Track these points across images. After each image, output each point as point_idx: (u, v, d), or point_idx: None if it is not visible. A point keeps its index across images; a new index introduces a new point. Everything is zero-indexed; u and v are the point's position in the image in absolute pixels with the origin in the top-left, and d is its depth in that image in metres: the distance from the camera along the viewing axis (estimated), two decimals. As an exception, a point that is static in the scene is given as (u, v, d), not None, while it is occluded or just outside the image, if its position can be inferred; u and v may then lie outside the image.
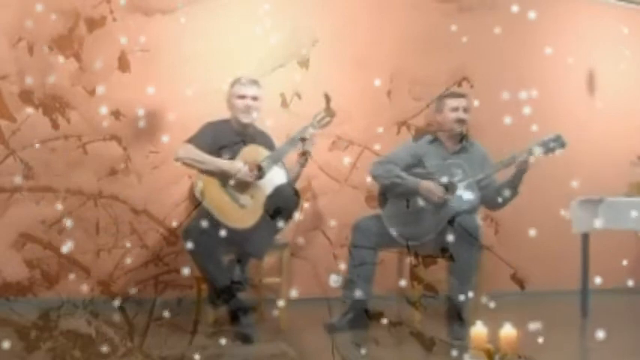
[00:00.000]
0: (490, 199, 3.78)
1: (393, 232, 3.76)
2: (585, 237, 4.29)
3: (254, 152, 3.61)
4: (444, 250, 3.63)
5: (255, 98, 3.70)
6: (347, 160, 4.62)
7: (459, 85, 4.96)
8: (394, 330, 3.37)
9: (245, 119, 3.68)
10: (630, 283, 3.34)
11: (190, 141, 3.60)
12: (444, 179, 3.69)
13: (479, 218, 3.85)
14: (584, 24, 5.33)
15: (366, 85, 4.71)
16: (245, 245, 3.46)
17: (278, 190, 3.47)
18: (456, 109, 3.84)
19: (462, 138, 3.90)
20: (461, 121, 3.84)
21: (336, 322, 3.69)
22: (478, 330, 2.63)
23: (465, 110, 3.85)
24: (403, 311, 3.84)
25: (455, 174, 3.69)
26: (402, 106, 4.82)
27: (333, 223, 4.44)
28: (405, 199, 3.76)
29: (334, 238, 4.64)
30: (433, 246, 3.65)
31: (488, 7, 4.99)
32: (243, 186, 3.53)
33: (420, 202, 3.67)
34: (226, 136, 3.64)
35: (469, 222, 3.56)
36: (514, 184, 3.70)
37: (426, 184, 3.71)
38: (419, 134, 4.63)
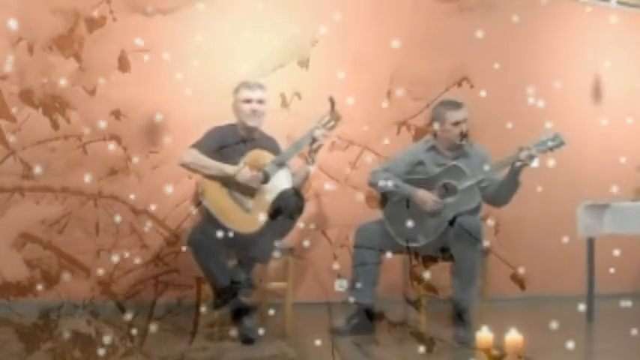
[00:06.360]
0: (493, 198, 3.77)
1: (393, 232, 3.75)
2: (591, 242, 4.29)
3: (259, 157, 3.60)
4: (444, 250, 3.63)
5: (260, 102, 3.68)
6: (347, 160, 4.63)
7: (459, 85, 4.96)
8: (395, 330, 3.37)
9: (251, 123, 3.66)
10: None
11: (195, 146, 3.59)
12: (445, 182, 3.68)
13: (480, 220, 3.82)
14: (588, 27, 5.31)
15: (366, 85, 4.71)
16: (250, 250, 3.46)
17: (282, 195, 3.46)
18: (457, 124, 3.76)
19: (463, 136, 3.86)
20: (463, 135, 3.77)
21: (342, 327, 3.68)
22: (484, 335, 2.62)
23: (466, 121, 3.79)
24: (409, 314, 3.83)
25: (455, 177, 3.67)
26: (402, 106, 4.81)
27: (333, 223, 4.45)
28: (405, 200, 3.75)
29: (334, 238, 4.64)
30: (434, 246, 3.65)
31: (488, 7, 4.99)
32: (248, 190, 3.52)
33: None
34: (231, 141, 3.63)
35: (471, 223, 3.55)
36: (513, 178, 3.67)
37: (421, 194, 3.69)
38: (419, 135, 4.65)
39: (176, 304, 3.83)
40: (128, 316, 2.75)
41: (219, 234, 3.11)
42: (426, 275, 3.43)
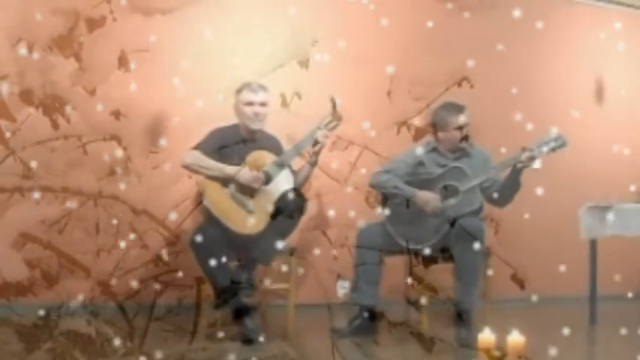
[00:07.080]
0: (494, 198, 3.76)
1: (394, 233, 3.73)
2: (593, 243, 4.27)
3: (260, 157, 3.59)
4: (444, 250, 3.63)
5: (263, 104, 3.66)
6: (347, 160, 4.63)
7: (459, 85, 4.96)
8: (395, 330, 3.37)
9: (254, 126, 3.64)
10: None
11: (197, 147, 3.58)
12: (446, 183, 3.68)
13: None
14: (590, 28, 5.31)
15: (366, 85, 4.71)
16: (252, 251, 3.45)
17: (284, 195, 3.45)
18: (460, 128, 3.75)
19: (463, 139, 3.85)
20: (465, 137, 3.77)
21: (343, 328, 3.67)
22: (486, 336, 2.61)
23: (468, 124, 3.76)
24: (410, 315, 3.82)
25: (456, 178, 3.66)
26: (402, 106, 4.81)
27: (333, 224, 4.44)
28: (406, 200, 3.74)
29: (334, 239, 4.64)
30: (435, 247, 3.62)
31: (487, 8, 4.98)
32: (250, 191, 3.52)
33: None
34: (232, 141, 3.62)
35: (473, 224, 3.54)
36: (514, 178, 3.66)
37: (423, 195, 3.68)
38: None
39: (176, 304, 3.83)
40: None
41: (221, 235, 3.10)
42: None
